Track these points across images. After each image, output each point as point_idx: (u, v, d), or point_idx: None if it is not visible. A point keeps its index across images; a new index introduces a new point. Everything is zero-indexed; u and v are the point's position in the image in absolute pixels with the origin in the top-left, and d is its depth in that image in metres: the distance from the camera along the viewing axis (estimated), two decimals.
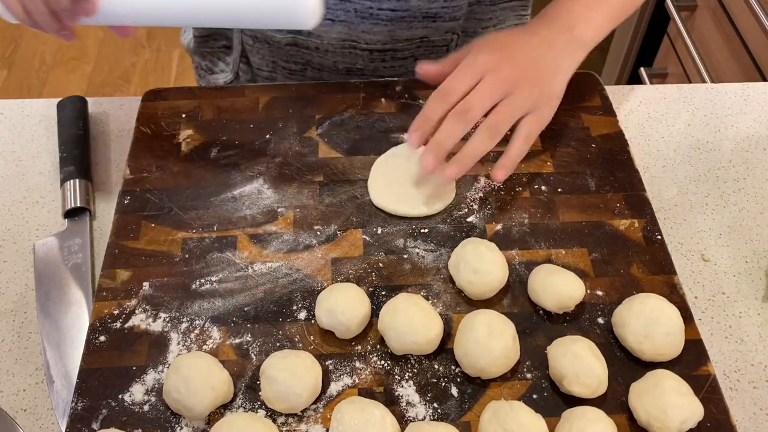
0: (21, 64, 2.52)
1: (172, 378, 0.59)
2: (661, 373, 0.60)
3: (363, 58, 0.92)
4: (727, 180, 0.83)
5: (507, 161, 0.72)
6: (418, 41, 0.91)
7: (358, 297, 0.64)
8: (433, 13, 0.88)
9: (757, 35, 1.44)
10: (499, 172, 0.71)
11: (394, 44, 0.90)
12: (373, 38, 0.89)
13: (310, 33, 0.89)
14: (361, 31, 0.88)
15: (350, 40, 0.89)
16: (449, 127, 0.69)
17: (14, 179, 0.81)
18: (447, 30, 0.91)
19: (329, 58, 0.91)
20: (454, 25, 0.91)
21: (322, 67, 0.93)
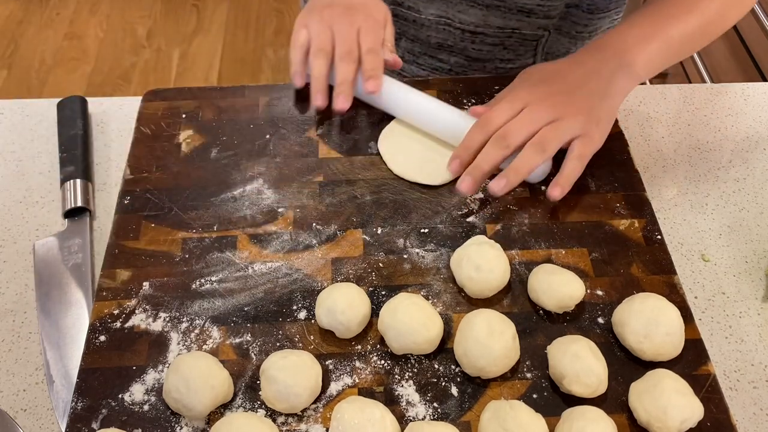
0: (21, 64, 2.52)
1: (172, 378, 0.59)
2: (661, 372, 0.60)
3: (455, 36, 0.94)
4: (727, 180, 0.83)
5: (562, 179, 0.71)
6: (510, 31, 0.93)
7: (358, 297, 0.64)
8: (528, 8, 0.90)
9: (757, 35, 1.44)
10: (555, 190, 0.71)
11: (485, 29, 0.92)
12: (467, 19, 0.91)
13: (410, 6, 0.92)
14: (457, 11, 0.91)
15: (446, 18, 0.92)
16: (488, 151, 0.71)
17: (14, 179, 0.81)
18: (539, 26, 0.93)
19: (423, 32, 0.95)
20: (547, 23, 0.93)
21: (416, 39, 0.96)
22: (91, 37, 2.64)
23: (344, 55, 0.77)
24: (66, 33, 2.65)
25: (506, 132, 0.71)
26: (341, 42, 0.78)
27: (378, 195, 0.75)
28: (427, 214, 0.74)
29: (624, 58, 0.74)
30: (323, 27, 0.78)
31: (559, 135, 0.71)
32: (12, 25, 2.67)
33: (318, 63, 0.77)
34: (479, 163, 0.71)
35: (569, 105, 0.72)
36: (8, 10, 2.71)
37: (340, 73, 0.77)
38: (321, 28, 0.78)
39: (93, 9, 2.74)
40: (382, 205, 0.75)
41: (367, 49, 0.78)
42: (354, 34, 0.78)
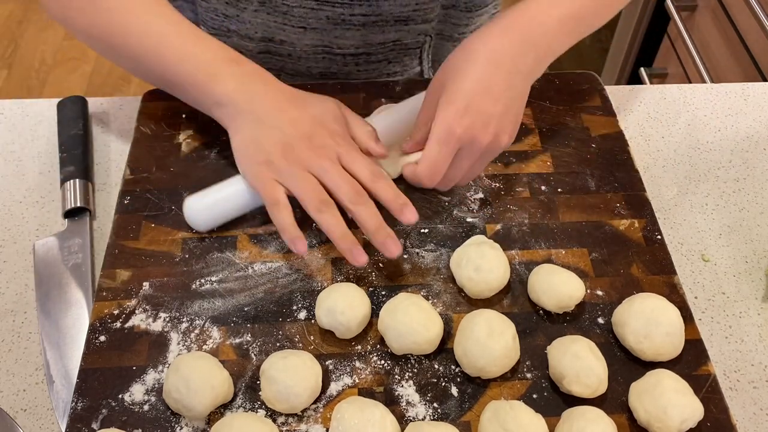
0: (21, 64, 2.52)
1: (172, 378, 0.59)
2: (661, 372, 0.60)
3: (337, 62, 0.91)
4: (727, 180, 0.83)
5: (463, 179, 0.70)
6: (391, 44, 0.90)
7: (358, 297, 0.64)
8: (405, 16, 0.87)
9: (757, 35, 1.44)
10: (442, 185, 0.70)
11: (367, 48, 0.89)
12: (346, 43, 0.88)
13: (282, 41, 0.88)
14: (334, 37, 0.87)
15: (323, 46, 0.89)
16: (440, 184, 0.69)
17: (14, 179, 0.81)
18: (420, 32, 0.90)
19: (303, 63, 0.90)
20: (426, 28, 0.90)
21: (296, 72, 0.92)
22: None
23: (355, 198, 0.66)
24: (66, 33, 2.65)
25: (446, 182, 0.70)
26: (339, 185, 0.66)
27: None
28: (427, 214, 0.74)
29: (540, 45, 0.69)
30: (303, 174, 0.66)
31: (485, 164, 0.71)
32: (12, 25, 2.67)
33: (331, 219, 0.66)
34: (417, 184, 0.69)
35: (500, 133, 0.67)
36: (8, 10, 2.72)
37: (368, 220, 0.66)
38: (301, 175, 0.66)
39: None
40: (382, 205, 0.74)
41: (371, 178, 0.68)
42: (341, 168, 0.67)
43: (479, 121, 0.65)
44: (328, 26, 0.86)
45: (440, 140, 0.66)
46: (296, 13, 0.84)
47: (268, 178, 0.67)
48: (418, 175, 0.67)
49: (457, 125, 0.65)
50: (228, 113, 0.71)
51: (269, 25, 0.86)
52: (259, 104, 0.69)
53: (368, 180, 0.67)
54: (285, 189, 0.67)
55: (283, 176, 0.67)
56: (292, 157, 0.67)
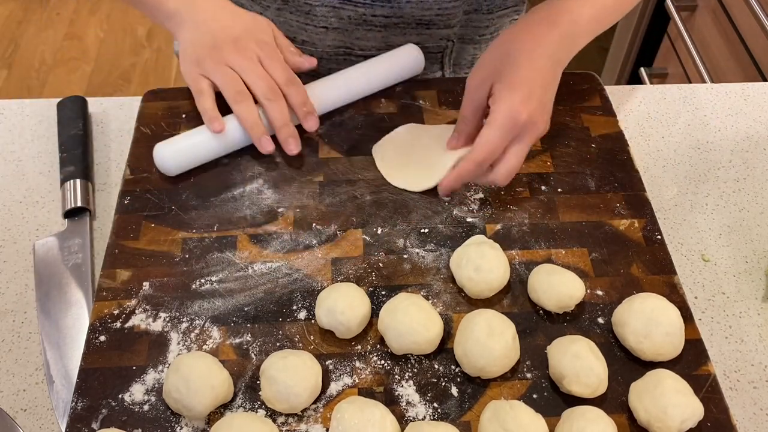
0: (21, 64, 2.52)
1: (172, 378, 0.59)
2: (661, 372, 0.60)
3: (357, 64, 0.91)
4: (727, 180, 0.83)
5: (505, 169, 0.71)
6: None
7: (358, 297, 0.64)
8: (427, 20, 0.88)
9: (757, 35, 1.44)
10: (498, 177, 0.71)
11: (388, 50, 0.90)
12: (367, 44, 0.89)
13: (304, 41, 0.89)
14: (355, 38, 0.88)
15: (345, 47, 0.89)
16: (474, 177, 0.72)
17: (14, 179, 0.81)
18: (441, 37, 0.91)
19: (324, 65, 0.91)
20: (449, 33, 0.91)
21: (316, 74, 0.92)
22: (91, 37, 2.64)
23: (268, 93, 0.75)
24: (66, 33, 2.65)
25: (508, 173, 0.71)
26: (255, 80, 0.75)
27: (378, 195, 0.75)
28: (427, 214, 0.74)
29: (574, 39, 0.73)
30: (224, 69, 0.75)
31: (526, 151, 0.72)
32: (12, 25, 2.67)
33: (246, 108, 0.75)
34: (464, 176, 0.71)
35: (541, 120, 0.70)
36: (8, 10, 2.72)
37: (276, 115, 0.75)
38: (222, 70, 0.75)
39: (93, 9, 2.75)
40: (382, 205, 0.75)
41: (286, 81, 0.76)
42: (261, 67, 0.76)
43: (538, 108, 0.69)
44: (350, 26, 0.87)
45: (503, 125, 0.68)
46: (318, 13, 0.86)
47: (196, 73, 0.77)
48: (474, 159, 0.69)
49: (524, 110, 0.68)
50: (175, 23, 0.80)
51: (291, 25, 0.88)
52: (198, 14, 0.78)
53: (283, 82, 0.76)
54: (209, 81, 0.76)
55: (208, 71, 0.76)
56: (218, 56, 0.76)
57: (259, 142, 0.75)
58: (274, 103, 0.75)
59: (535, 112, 0.69)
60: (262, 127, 0.75)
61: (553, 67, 0.72)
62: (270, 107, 0.75)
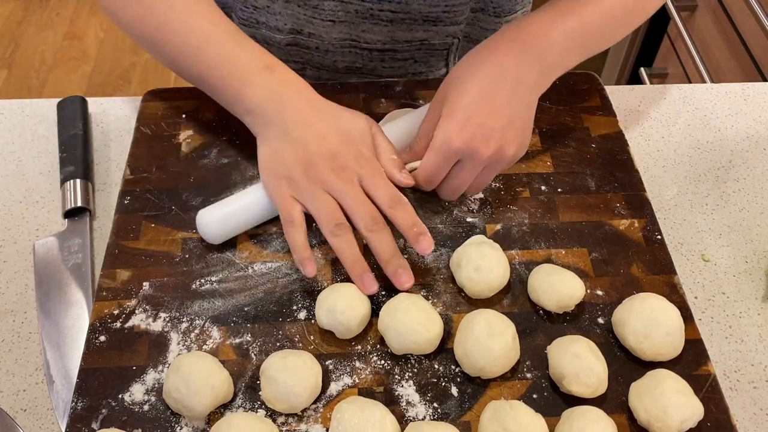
0: (21, 64, 2.52)
1: (172, 378, 0.59)
2: (661, 372, 0.60)
3: (363, 57, 0.92)
4: (727, 180, 0.83)
5: (473, 189, 0.72)
6: (418, 43, 0.91)
7: (358, 297, 0.64)
8: (434, 16, 0.88)
9: (757, 35, 1.44)
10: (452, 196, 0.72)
11: (393, 45, 0.90)
12: (373, 38, 0.89)
13: (311, 34, 0.89)
14: (361, 31, 0.88)
15: (351, 40, 0.89)
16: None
17: (14, 179, 0.81)
18: (448, 34, 0.91)
19: (329, 57, 0.91)
20: (455, 30, 0.91)
21: (322, 66, 0.93)
22: (91, 37, 2.64)
23: (372, 225, 0.65)
24: (66, 33, 2.65)
25: (451, 192, 0.71)
26: (356, 209, 0.66)
27: None
28: (427, 214, 0.74)
29: (546, 57, 0.70)
30: (319, 193, 0.66)
31: (490, 179, 0.72)
32: (12, 25, 2.67)
33: (346, 243, 0.65)
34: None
35: (504, 146, 0.67)
36: (8, 10, 2.72)
37: (382, 248, 0.66)
38: (317, 195, 0.66)
39: (93, 9, 2.74)
40: None
41: (390, 203, 0.66)
42: (362, 192, 0.66)
43: (480, 134, 0.66)
44: (357, 20, 0.87)
45: (438, 152, 0.67)
46: (326, 7, 0.85)
47: (286, 194, 0.67)
48: (417, 181, 0.70)
49: (456, 138, 0.66)
50: (257, 122, 0.70)
51: (299, 18, 0.87)
52: (287, 115, 0.68)
53: (387, 205, 0.66)
54: (302, 207, 0.67)
55: (301, 194, 0.66)
56: (313, 175, 0.66)
57: (362, 281, 0.65)
58: (377, 234, 0.65)
59: (473, 138, 0.66)
60: (363, 264, 0.66)
61: (512, 91, 0.68)
62: (374, 240, 0.66)
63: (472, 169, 0.68)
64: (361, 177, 0.67)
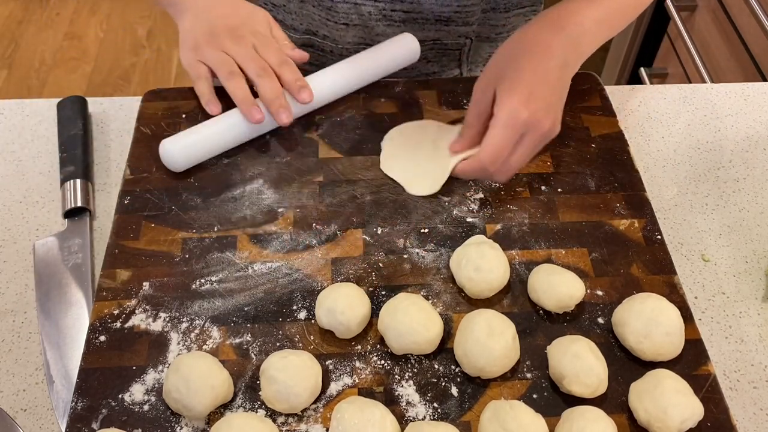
0: (21, 64, 2.52)
1: (172, 378, 0.59)
2: (661, 372, 0.60)
3: None
4: (727, 180, 0.83)
5: (508, 167, 0.72)
6: (431, 43, 0.92)
7: (358, 297, 0.64)
8: (446, 16, 0.88)
9: (757, 35, 1.44)
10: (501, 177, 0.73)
11: None
12: (386, 39, 0.89)
13: (325, 36, 0.90)
14: (375, 34, 0.89)
15: (365, 43, 0.90)
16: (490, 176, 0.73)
17: (14, 179, 0.81)
18: (460, 34, 0.92)
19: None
20: (467, 30, 0.92)
21: None
22: (91, 37, 2.64)
23: (260, 71, 0.77)
24: (66, 33, 2.65)
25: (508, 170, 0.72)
26: (248, 62, 0.78)
27: (378, 195, 0.75)
28: (427, 214, 0.74)
29: (581, 43, 0.74)
30: (219, 54, 0.78)
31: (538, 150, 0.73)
32: (12, 25, 2.67)
33: (236, 85, 0.77)
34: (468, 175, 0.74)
35: (548, 119, 0.70)
36: (8, 10, 2.72)
37: (267, 89, 0.77)
38: (218, 55, 0.78)
39: (93, 9, 2.75)
40: (382, 205, 0.75)
41: (279, 62, 0.78)
42: (254, 52, 0.78)
43: (542, 107, 0.69)
44: (370, 22, 0.88)
45: (506, 125, 0.69)
46: (340, 9, 0.87)
47: (194, 58, 0.79)
48: (480, 160, 0.70)
49: (524, 110, 0.68)
50: (177, 10, 0.83)
51: (313, 19, 0.90)
52: (199, 2, 0.82)
53: (275, 64, 0.78)
54: (207, 68, 0.79)
55: (205, 57, 0.79)
56: (214, 43, 0.79)
57: (250, 112, 0.76)
58: (264, 79, 0.77)
59: (537, 111, 0.69)
60: (252, 99, 0.77)
61: (560, 69, 0.72)
62: (261, 82, 0.77)
63: (533, 143, 0.70)
64: (255, 45, 0.79)
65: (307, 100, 0.79)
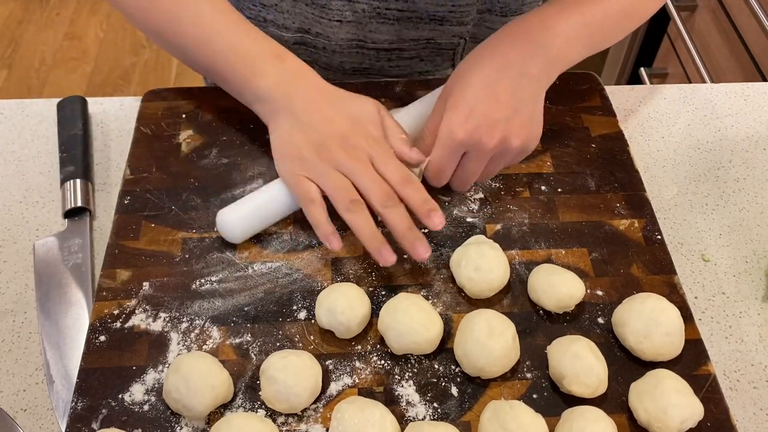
0: (21, 64, 2.52)
1: (172, 378, 0.59)
2: (661, 372, 0.60)
3: (369, 57, 0.92)
4: (727, 180, 0.83)
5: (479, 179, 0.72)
6: (424, 42, 0.91)
7: (358, 297, 0.64)
8: (440, 16, 0.88)
9: (757, 35, 1.44)
10: (464, 186, 0.72)
11: (400, 44, 0.90)
12: (380, 37, 0.89)
13: (318, 33, 0.89)
14: (368, 31, 0.89)
15: (357, 40, 0.90)
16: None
17: (14, 179, 0.81)
18: (454, 34, 0.91)
19: (336, 58, 0.91)
20: (462, 30, 0.91)
21: (329, 66, 0.93)
22: (91, 37, 2.64)
23: (386, 201, 0.66)
24: (66, 33, 2.65)
25: (461, 184, 0.71)
26: (370, 186, 0.66)
27: None
28: None
29: (549, 50, 0.70)
30: (334, 173, 0.67)
31: (498, 169, 0.72)
32: (12, 25, 2.67)
33: (361, 219, 0.66)
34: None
35: (509, 137, 0.68)
36: (8, 10, 2.72)
37: (397, 222, 0.66)
38: (332, 175, 0.67)
39: (93, 9, 2.75)
40: None
41: (401, 181, 0.67)
42: (373, 170, 0.67)
43: (483, 125, 0.67)
44: (364, 20, 0.87)
45: (444, 145, 0.68)
46: (333, 6, 0.86)
47: (300, 174, 0.68)
48: (427, 177, 0.70)
49: (460, 130, 0.66)
50: (267, 110, 0.72)
51: (306, 17, 0.88)
52: (297, 102, 0.70)
53: (398, 183, 0.67)
54: (318, 188, 0.68)
55: (315, 174, 0.67)
56: (325, 155, 0.67)
57: (380, 253, 0.65)
58: (392, 210, 0.66)
59: (476, 130, 0.66)
60: (380, 237, 0.66)
61: (516, 80, 0.68)
62: (389, 214, 0.66)
63: (478, 160, 0.69)
64: (371, 157, 0.68)
65: (439, 227, 0.67)
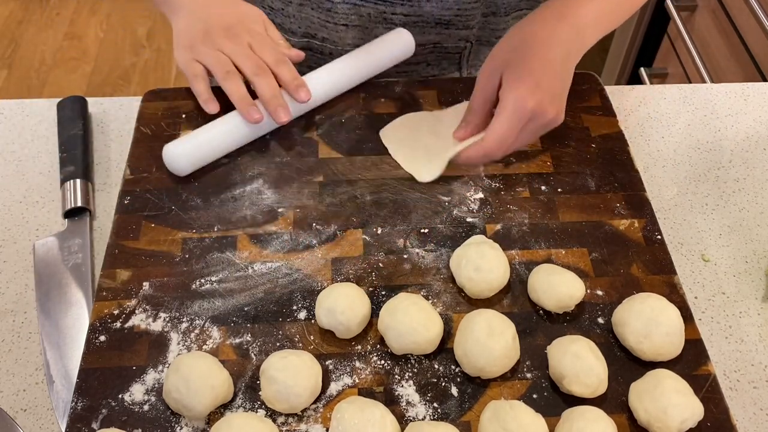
0: (21, 64, 2.52)
1: (172, 378, 0.59)
2: (661, 372, 0.60)
3: None
4: (727, 180, 0.83)
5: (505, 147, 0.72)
6: (431, 47, 0.92)
7: (358, 297, 0.64)
8: (446, 20, 0.88)
9: (757, 35, 1.44)
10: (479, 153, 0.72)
11: None
12: None
13: (324, 38, 0.90)
14: (374, 35, 0.89)
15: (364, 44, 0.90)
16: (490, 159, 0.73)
17: (14, 179, 0.81)
18: (460, 38, 0.92)
19: None
20: (467, 34, 0.91)
21: None
22: (91, 37, 2.64)
23: (257, 70, 0.77)
24: (66, 33, 2.65)
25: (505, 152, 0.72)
26: (244, 61, 0.77)
27: (378, 195, 0.75)
28: (427, 214, 0.74)
29: (583, 35, 0.74)
30: (215, 53, 0.78)
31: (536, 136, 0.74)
32: (12, 25, 2.67)
33: (234, 84, 0.77)
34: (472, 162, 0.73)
35: (552, 107, 0.71)
36: (8, 10, 2.72)
37: (264, 88, 0.76)
38: (214, 54, 0.78)
39: (93, 9, 2.75)
40: (382, 205, 0.75)
41: (275, 61, 0.78)
42: (250, 51, 0.78)
43: (548, 97, 0.70)
44: (369, 24, 0.88)
45: (513, 112, 0.69)
46: (339, 10, 0.87)
47: (189, 58, 0.79)
48: (485, 147, 0.70)
49: (531, 99, 0.69)
50: (171, 9, 0.84)
51: (312, 21, 0.89)
52: (194, 1, 0.82)
53: (273, 63, 0.78)
54: (203, 67, 0.79)
55: (201, 56, 0.78)
56: (209, 41, 0.78)
57: (248, 112, 0.76)
58: (261, 78, 0.77)
59: (543, 100, 0.69)
60: (249, 100, 0.76)
61: (563, 60, 0.72)
62: (258, 81, 0.77)
63: (535, 130, 0.71)
64: (251, 44, 0.79)
65: (305, 99, 0.78)
